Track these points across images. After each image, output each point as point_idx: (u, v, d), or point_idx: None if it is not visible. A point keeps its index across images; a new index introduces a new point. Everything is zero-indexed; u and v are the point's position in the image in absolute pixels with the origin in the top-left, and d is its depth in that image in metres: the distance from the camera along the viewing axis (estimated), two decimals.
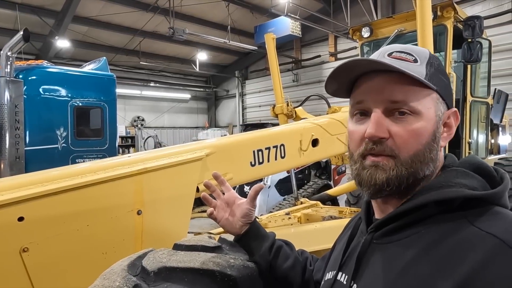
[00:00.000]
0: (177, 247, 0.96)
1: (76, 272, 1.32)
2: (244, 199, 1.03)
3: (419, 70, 0.68)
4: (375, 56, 0.72)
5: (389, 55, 0.70)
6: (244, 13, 13.37)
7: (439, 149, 0.69)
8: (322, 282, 0.83)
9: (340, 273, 0.75)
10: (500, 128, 5.41)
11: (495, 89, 5.08)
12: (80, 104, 5.84)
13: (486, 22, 3.64)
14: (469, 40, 3.51)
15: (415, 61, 0.69)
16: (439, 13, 3.64)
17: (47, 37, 11.81)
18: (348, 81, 0.74)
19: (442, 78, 0.71)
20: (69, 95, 5.72)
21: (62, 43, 11.84)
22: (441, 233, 0.61)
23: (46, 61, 6.02)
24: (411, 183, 0.67)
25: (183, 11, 12.29)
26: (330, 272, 0.80)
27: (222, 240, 1.01)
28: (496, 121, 5.11)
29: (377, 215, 0.75)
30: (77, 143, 5.74)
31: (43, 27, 11.46)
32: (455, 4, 3.68)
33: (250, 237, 0.99)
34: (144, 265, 0.86)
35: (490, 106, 4.64)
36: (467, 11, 4.29)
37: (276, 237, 1.04)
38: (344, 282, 0.72)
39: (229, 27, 12.45)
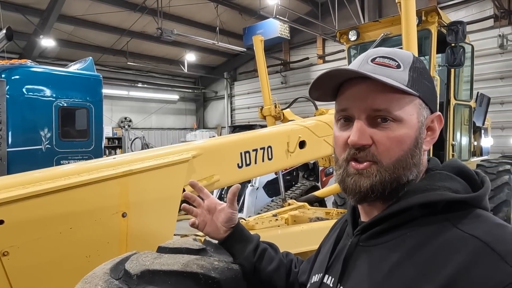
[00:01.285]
0: (161, 249, 0.95)
1: (59, 276, 1.30)
2: (225, 204, 1.03)
3: (401, 76, 0.69)
4: (359, 60, 0.73)
5: (372, 60, 0.71)
6: (233, 15, 13.37)
7: (422, 153, 0.70)
8: (308, 285, 0.83)
9: (326, 276, 0.76)
10: (482, 131, 5.54)
11: (478, 92, 5.21)
12: (65, 105, 5.74)
13: (469, 27, 3.74)
14: (453, 44, 3.59)
15: (398, 66, 0.70)
16: (423, 18, 3.71)
17: (31, 36, 11.57)
18: (332, 86, 0.74)
19: (426, 82, 0.72)
20: (54, 95, 5.61)
21: (47, 42, 11.61)
22: (425, 235, 0.62)
23: (30, 61, 5.89)
24: (394, 188, 0.69)
25: (171, 11, 12.22)
26: (317, 275, 0.80)
27: (207, 242, 1.00)
28: (478, 123, 5.23)
29: (363, 218, 0.76)
30: (62, 144, 5.63)
31: (27, 26, 11.23)
32: (439, 9, 3.76)
33: (234, 239, 0.99)
34: (127, 268, 0.85)
35: (473, 109, 4.76)
36: (450, 16, 4.39)
37: (261, 239, 1.04)
38: (331, 285, 0.73)
39: (217, 28, 12.43)
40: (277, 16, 10.24)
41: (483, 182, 0.68)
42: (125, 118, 16.70)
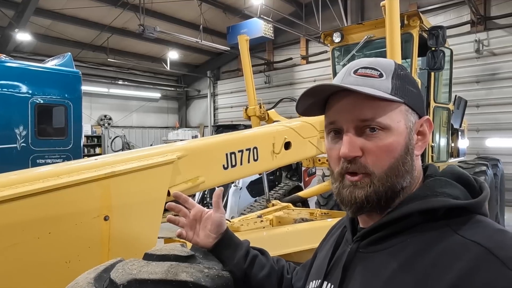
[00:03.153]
0: (148, 257, 0.91)
1: (37, 284, 1.24)
2: (211, 210, 1.01)
3: (384, 85, 0.69)
4: (342, 73, 0.74)
5: (355, 72, 0.72)
6: (216, 13, 13.27)
7: (414, 159, 0.71)
8: None
9: (325, 283, 0.75)
10: (459, 133, 5.71)
11: (456, 95, 5.37)
12: (42, 102, 5.54)
13: (447, 32, 3.83)
14: (433, 48, 3.68)
15: (381, 75, 0.70)
16: (406, 21, 3.78)
17: (5, 29, 11.09)
18: (319, 101, 0.75)
19: (410, 88, 0.72)
20: (30, 91, 5.41)
21: (23, 36, 11.17)
22: (426, 242, 0.62)
23: (4, 55, 5.65)
24: (390, 197, 0.69)
25: (154, 8, 12.00)
26: (314, 281, 0.79)
27: (196, 248, 0.98)
28: (456, 126, 5.39)
29: (362, 224, 0.76)
30: (38, 142, 5.43)
31: (2, 19, 10.77)
32: (420, 14, 3.85)
33: (223, 246, 0.97)
34: (113, 278, 0.81)
35: (451, 112, 4.90)
36: (429, 20, 4.50)
37: (250, 245, 1.02)
38: None
39: (201, 26, 12.30)
40: (261, 16, 10.23)
41: (481, 188, 0.68)
42: (105, 116, 16.31)
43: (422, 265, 0.60)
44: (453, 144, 5.41)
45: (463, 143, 6.02)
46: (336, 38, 4.30)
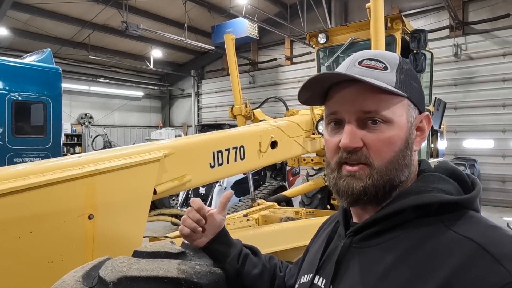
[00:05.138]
0: (138, 254, 0.89)
1: (18, 285, 1.19)
2: (211, 209, 0.98)
3: (389, 78, 0.69)
4: (346, 63, 0.73)
5: (360, 63, 0.71)
6: (201, 12, 13.16)
7: (412, 154, 0.71)
8: (297, 285, 0.81)
9: (317, 277, 0.74)
10: (439, 134, 5.87)
11: (435, 97, 5.52)
12: (20, 99, 5.35)
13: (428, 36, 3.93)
14: (415, 51, 3.77)
15: (385, 68, 0.70)
16: (389, 24, 3.86)
17: None
18: (321, 90, 0.74)
19: (413, 83, 0.72)
20: (7, 88, 5.22)
21: None
22: (419, 237, 0.62)
23: None
24: (388, 190, 0.69)
25: (138, 5, 11.79)
26: (306, 275, 0.79)
27: (186, 245, 0.96)
28: (435, 127, 5.54)
29: (355, 219, 0.76)
30: (16, 141, 5.25)
31: None
32: (403, 17, 3.94)
33: (219, 244, 0.96)
34: (102, 275, 0.79)
35: (431, 113, 5.03)
36: (411, 24, 4.62)
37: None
38: (322, 286, 0.72)
39: (185, 25, 12.18)
40: (247, 16, 10.23)
41: (474, 184, 0.69)
42: (85, 115, 15.91)
43: (415, 261, 0.60)
44: (432, 145, 5.56)
45: (442, 144, 6.19)
46: (321, 39, 4.34)
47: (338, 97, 0.71)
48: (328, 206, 4.93)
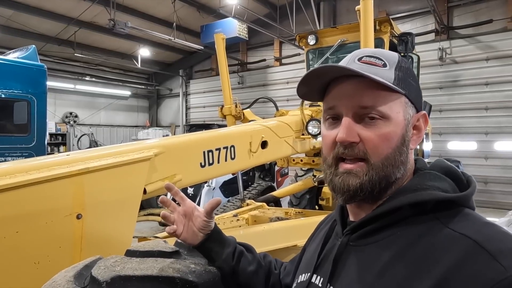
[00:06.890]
0: (131, 253, 0.87)
1: (3, 285, 1.16)
2: (202, 210, 0.98)
3: (388, 75, 0.69)
4: (346, 59, 0.74)
5: (359, 59, 0.71)
6: (190, 11, 13.08)
7: (409, 151, 0.72)
8: (294, 285, 0.81)
9: (315, 276, 0.74)
10: (424, 136, 5.99)
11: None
12: (2, 96, 5.21)
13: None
14: (403, 54, 3.83)
15: (384, 65, 0.71)
16: (377, 27, 3.91)
17: None
18: (320, 85, 0.74)
19: (411, 81, 0.73)
20: None
21: None
22: (416, 234, 0.63)
23: None
24: (383, 187, 0.69)
25: (126, 3, 11.63)
26: (304, 274, 0.79)
27: (179, 244, 0.95)
28: None
29: (352, 218, 0.76)
30: None
31: None
32: (391, 20, 4.00)
33: (212, 242, 0.95)
34: (94, 275, 0.77)
35: None
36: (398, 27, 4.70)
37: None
38: (320, 285, 0.72)
39: (174, 24, 12.08)
40: (236, 16, 10.22)
41: (469, 182, 0.70)
42: (71, 113, 15.59)
43: (412, 258, 0.60)
44: (418, 147, 5.67)
45: (427, 146, 6.31)
46: (311, 40, 4.38)
47: (337, 92, 0.71)
48: (317, 207, 4.96)
